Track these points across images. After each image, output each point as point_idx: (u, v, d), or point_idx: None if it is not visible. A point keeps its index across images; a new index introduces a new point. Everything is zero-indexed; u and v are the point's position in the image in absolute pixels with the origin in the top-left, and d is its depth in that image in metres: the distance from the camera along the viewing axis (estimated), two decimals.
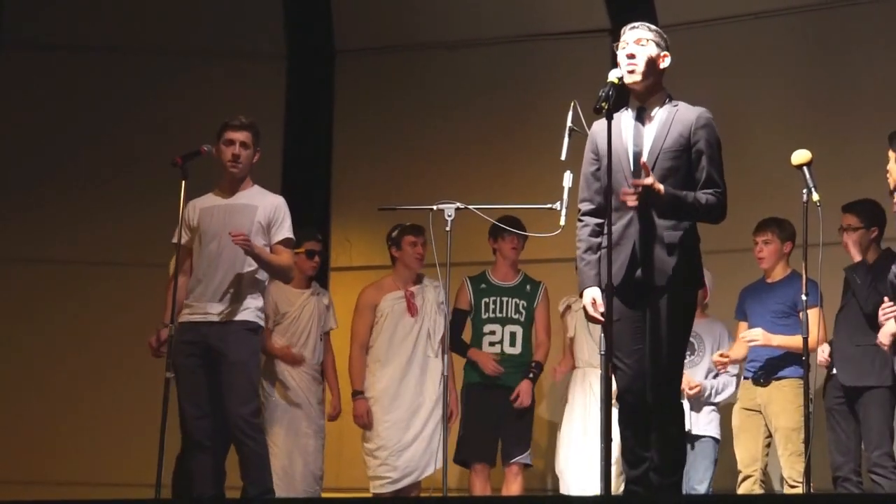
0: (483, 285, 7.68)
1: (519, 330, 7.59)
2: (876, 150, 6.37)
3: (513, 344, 7.58)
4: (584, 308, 5.38)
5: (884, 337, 6.07)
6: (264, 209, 6.40)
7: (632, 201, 5.26)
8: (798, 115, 8.35)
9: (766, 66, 8.53)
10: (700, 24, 8.59)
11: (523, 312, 7.62)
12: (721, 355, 7.24)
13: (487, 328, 7.59)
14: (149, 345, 6.57)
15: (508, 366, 7.53)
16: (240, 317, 6.28)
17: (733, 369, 7.45)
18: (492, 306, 7.62)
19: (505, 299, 7.63)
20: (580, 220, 5.52)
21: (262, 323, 6.40)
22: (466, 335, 7.67)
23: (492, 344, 7.56)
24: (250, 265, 6.33)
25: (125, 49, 9.32)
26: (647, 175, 5.23)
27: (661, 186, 5.23)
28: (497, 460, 7.55)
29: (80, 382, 8.94)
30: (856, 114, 8.16)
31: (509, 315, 7.60)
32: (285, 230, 6.43)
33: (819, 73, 8.40)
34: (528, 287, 7.69)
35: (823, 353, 6.80)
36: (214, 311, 6.29)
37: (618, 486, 6.83)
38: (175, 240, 6.46)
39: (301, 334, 7.47)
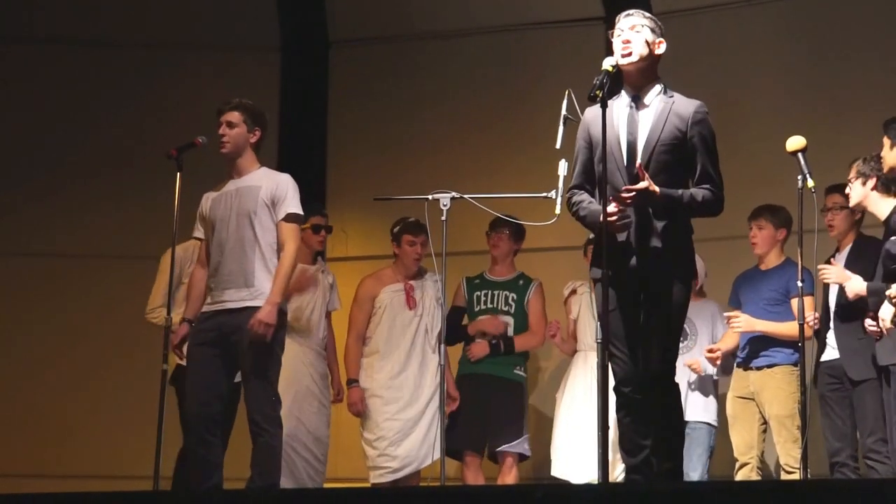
0: (477, 280, 7.75)
1: (510, 321, 7.63)
2: (870, 136, 6.38)
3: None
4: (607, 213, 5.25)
5: (850, 292, 6.29)
6: (267, 187, 6.32)
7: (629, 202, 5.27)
8: (792, 102, 8.35)
9: (760, 53, 8.53)
10: (694, 12, 8.59)
11: (513, 305, 7.66)
12: (709, 350, 7.26)
13: (479, 319, 7.63)
14: (172, 347, 6.51)
15: (498, 358, 7.57)
16: (255, 302, 6.18)
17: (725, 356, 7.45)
18: (483, 298, 7.68)
19: (496, 292, 7.68)
20: (572, 191, 5.53)
21: (280, 307, 6.26)
22: None
23: (483, 334, 7.59)
24: (262, 248, 6.27)
25: (120, 42, 9.32)
26: (643, 178, 5.23)
27: (655, 188, 5.24)
28: (489, 450, 7.58)
29: (79, 375, 8.94)
30: (850, 100, 8.17)
31: (499, 307, 7.65)
32: (288, 205, 6.30)
33: (813, 61, 8.40)
34: (520, 282, 7.74)
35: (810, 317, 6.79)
36: (229, 297, 6.22)
37: (614, 471, 6.86)
38: (196, 235, 6.44)
39: (306, 308, 7.45)
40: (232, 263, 6.25)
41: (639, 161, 5.30)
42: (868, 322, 6.25)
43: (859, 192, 6.39)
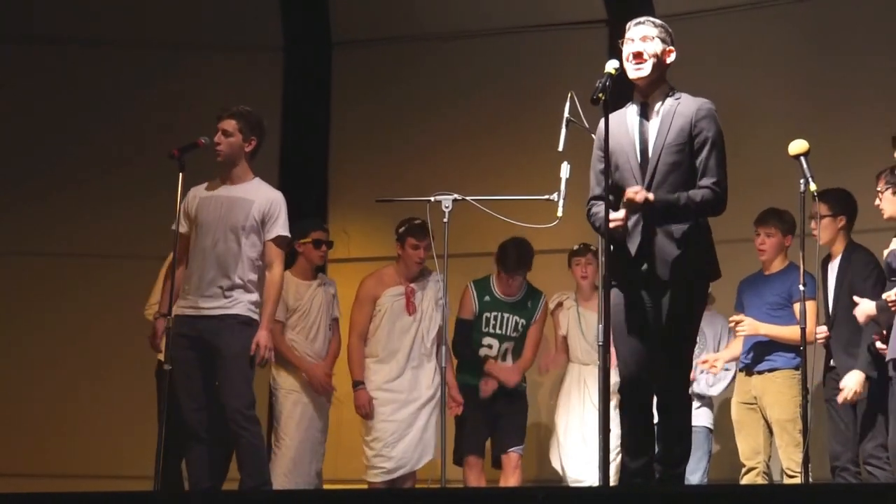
0: (487, 297, 7.70)
1: (512, 346, 7.66)
2: (874, 140, 6.38)
3: (504, 359, 7.65)
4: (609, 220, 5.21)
5: (861, 315, 6.22)
6: (260, 204, 6.37)
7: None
8: (796, 105, 8.34)
9: (764, 56, 8.52)
10: (698, 15, 8.58)
11: (521, 330, 7.69)
12: (703, 361, 7.26)
13: (486, 341, 7.65)
14: (150, 339, 6.56)
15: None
16: (233, 311, 6.27)
17: (730, 364, 7.45)
18: (493, 322, 7.67)
19: (506, 316, 7.67)
20: (591, 202, 5.49)
21: (255, 316, 6.35)
22: None
23: (486, 357, 7.62)
24: (244, 260, 6.32)
25: (122, 42, 9.31)
26: (639, 192, 5.22)
27: (650, 196, 5.22)
28: (489, 452, 7.61)
29: (79, 375, 8.94)
30: (854, 104, 8.16)
31: (508, 333, 7.66)
32: (279, 227, 6.39)
33: (818, 64, 8.39)
34: (529, 303, 7.72)
35: (821, 333, 6.80)
36: (208, 305, 6.29)
37: (615, 477, 6.86)
38: (175, 227, 6.44)
39: (312, 327, 7.45)
40: (212, 272, 6.31)
41: (638, 192, 5.25)
42: (878, 345, 6.25)
43: (892, 203, 6.34)
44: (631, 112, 5.46)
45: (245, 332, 6.29)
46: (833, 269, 6.80)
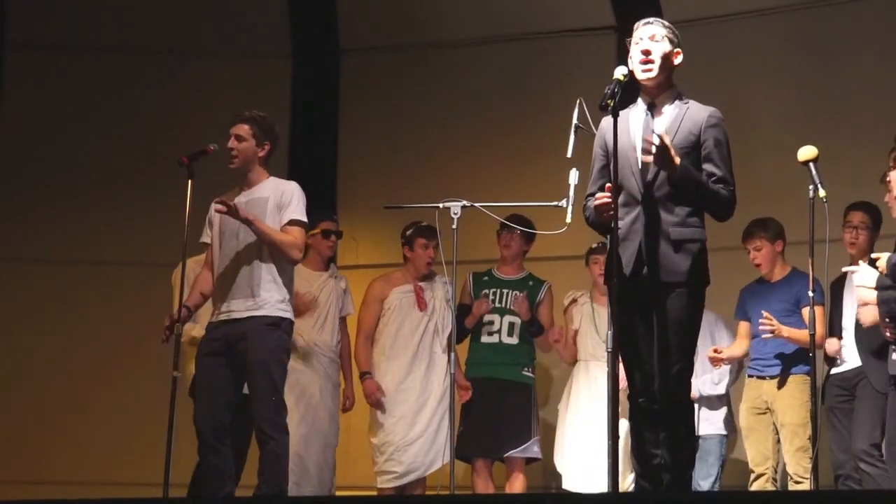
0: (486, 277, 7.72)
1: (517, 321, 7.59)
2: (881, 147, 6.36)
3: (510, 334, 7.59)
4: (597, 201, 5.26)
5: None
6: (274, 197, 6.36)
7: (646, 158, 5.26)
8: (803, 111, 8.34)
9: (771, 63, 8.53)
10: (705, 21, 8.59)
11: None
12: (714, 350, 7.24)
13: (486, 318, 7.61)
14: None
15: (505, 357, 7.55)
16: (260, 312, 6.21)
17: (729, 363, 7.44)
18: (491, 297, 7.63)
19: (505, 291, 7.65)
20: (588, 198, 5.51)
21: (285, 315, 6.28)
22: None
23: (490, 333, 7.60)
24: (269, 260, 6.30)
25: (130, 49, 9.33)
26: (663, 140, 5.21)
27: (676, 158, 5.22)
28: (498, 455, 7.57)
29: (86, 382, 8.94)
30: (861, 111, 8.16)
31: (508, 306, 7.61)
32: (293, 211, 6.33)
33: (824, 71, 8.40)
34: (530, 282, 7.72)
35: (832, 345, 6.80)
36: (235, 308, 6.25)
37: (624, 481, 6.84)
38: (203, 239, 6.48)
39: (320, 316, 7.44)
40: (238, 275, 6.28)
41: (661, 132, 5.25)
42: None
43: None
44: (635, 112, 5.45)
45: (273, 333, 6.22)
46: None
